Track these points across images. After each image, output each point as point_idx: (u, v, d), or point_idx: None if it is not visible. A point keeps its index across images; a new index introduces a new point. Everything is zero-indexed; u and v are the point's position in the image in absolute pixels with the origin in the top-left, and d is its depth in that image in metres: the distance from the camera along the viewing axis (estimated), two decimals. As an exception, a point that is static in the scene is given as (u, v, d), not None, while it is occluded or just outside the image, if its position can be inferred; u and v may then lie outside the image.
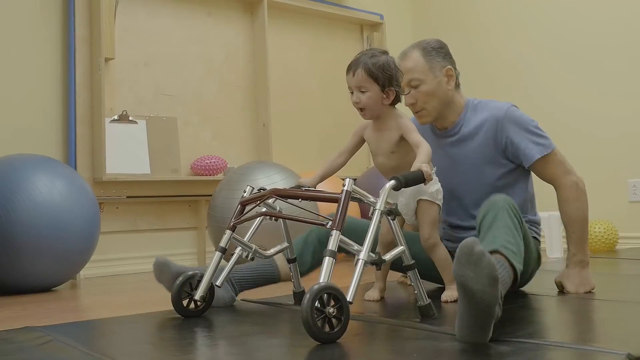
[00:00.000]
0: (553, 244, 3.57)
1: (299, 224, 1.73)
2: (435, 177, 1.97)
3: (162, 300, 2.05)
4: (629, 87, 3.92)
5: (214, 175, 3.82)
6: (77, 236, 2.82)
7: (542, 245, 3.75)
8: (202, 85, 4.02)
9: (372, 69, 1.87)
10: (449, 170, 2.13)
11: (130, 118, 3.65)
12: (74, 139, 3.47)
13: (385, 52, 1.93)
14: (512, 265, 1.68)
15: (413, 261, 1.72)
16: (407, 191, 1.95)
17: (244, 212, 1.88)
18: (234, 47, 4.18)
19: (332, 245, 1.51)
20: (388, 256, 1.64)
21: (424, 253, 2.01)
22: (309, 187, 1.83)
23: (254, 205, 1.86)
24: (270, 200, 1.88)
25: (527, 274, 2.03)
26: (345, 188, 1.58)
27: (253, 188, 1.92)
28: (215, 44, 4.10)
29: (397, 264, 2.11)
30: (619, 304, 1.91)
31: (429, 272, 2.05)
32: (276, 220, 1.85)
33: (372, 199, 1.67)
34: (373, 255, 1.56)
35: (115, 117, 3.60)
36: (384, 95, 1.89)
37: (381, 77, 1.87)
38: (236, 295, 2.11)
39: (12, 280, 2.76)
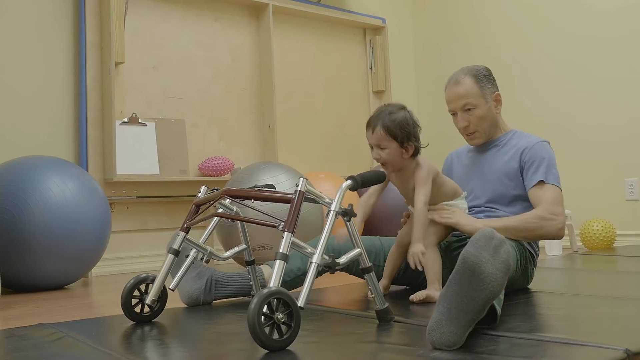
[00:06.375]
0: (552, 242, 3.61)
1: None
2: (463, 201, 2.08)
3: (171, 298, 2.04)
4: (625, 91, 3.95)
5: (221, 175, 3.88)
6: (88, 235, 2.86)
7: (541, 243, 3.83)
8: (209, 88, 4.08)
9: (391, 127, 1.92)
10: (473, 172, 2.27)
11: (139, 120, 3.71)
12: (86, 141, 3.53)
13: (403, 108, 1.98)
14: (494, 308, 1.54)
15: (370, 264, 1.66)
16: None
17: (198, 213, 1.81)
18: (240, 51, 4.24)
19: (283, 247, 1.43)
20: (344, 259, 1.55)
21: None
22: (262, 187, 1.77)
23: (208, 205, 1.79)
24: (227, 201, 1.83)
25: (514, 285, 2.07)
26: (299, 188, 1.52)
27: (207, 188, 1.85)
28: (222, 48, 4.16)
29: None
30: (617, 300, 1.91)
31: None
32: (233, 221, 1.76)
33: (327, 199, 1.59)
34: (327, 258, 1.50)
35: (125, 120, 3.66)
36: (404, 150, 1.95)
37: (400, 135, 1.92)
38: (210, 299, 2.12)
39: (26, 278, 2.80)
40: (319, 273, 2.14)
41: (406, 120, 1.94)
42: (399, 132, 1.92)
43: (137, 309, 1.83)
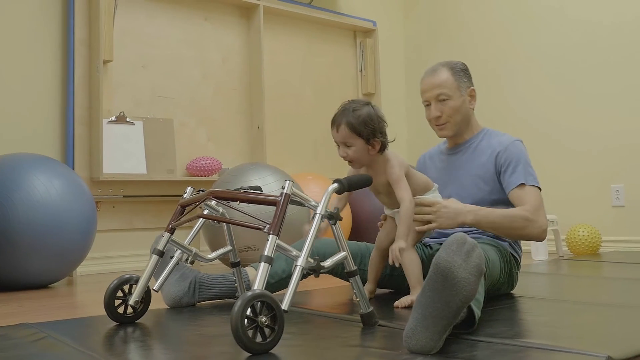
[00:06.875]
0: (539, 247, 3.63)
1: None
2: (437, 194, 2.06)
3: (155, 299, 2.04)
4: (612, 97, 3.97)
5: (208, 176, 3.88)
6: (74, 234, 2.84)
7: (527, 248, 3.85)
8: (198, 88, 4.07)
9: (355, 124, 1.88)
10: (449, 177, 2.25)
11: (127, 119, 3.70)
12: (72, 139, 3.52)
13: (367, 103, 1.95)
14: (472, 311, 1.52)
15: (355, 267, 1.65)
16: None
17: (184, 214, 1.80)
18: (230, 51, 4.24)
19: (268, 250, 1.43)
20: (329, 262, 1.55)
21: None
22: (248, 189, 1.76)
23: (193, 207, 1.78)
24: (213, 202, 1.82)
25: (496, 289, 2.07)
26: (285, 191, 1.51)
27: (193, 189, 1.85)
28: (212, 48, 4.16)
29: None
30: (601, 307, 1.92)
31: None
32: (219, 223, 1.77)
33: (313, 202, 1.59)
34: (312, 261, 1.49)
35: (113, 118, 3.65)
36: (370, 147, 1.92)
37: (365, 131, 1.89)
38: (194, 301, 2.13)
39: (9, 276, 2.78)
40: (303, 276, 2.14)
41: (370, 116, 1.90)
42: (363, 128, 1.89)
43: (121, 310, 1.82)
